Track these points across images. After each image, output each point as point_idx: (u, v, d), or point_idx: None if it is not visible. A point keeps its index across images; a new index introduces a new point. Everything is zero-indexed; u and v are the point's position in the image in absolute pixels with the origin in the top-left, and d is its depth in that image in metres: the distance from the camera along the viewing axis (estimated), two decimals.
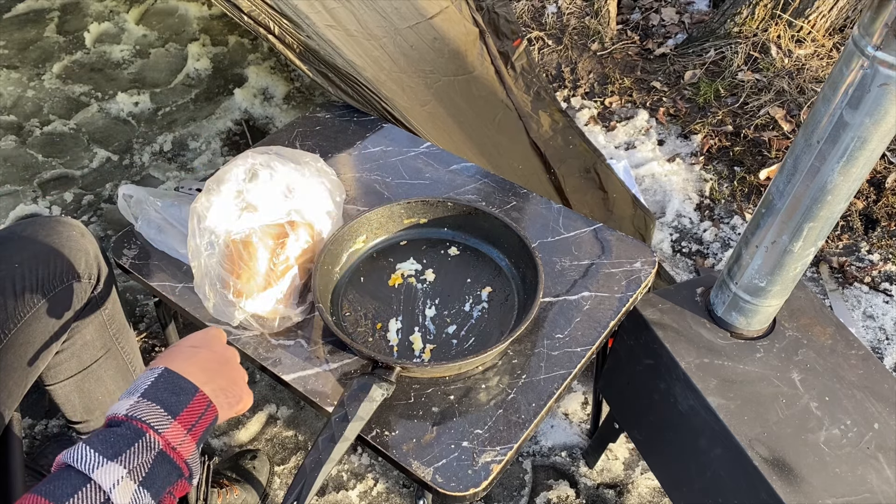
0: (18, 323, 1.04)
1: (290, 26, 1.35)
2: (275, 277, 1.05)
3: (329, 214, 1.15)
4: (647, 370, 1.22)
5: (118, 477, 0.64)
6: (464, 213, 1.20)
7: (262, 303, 1.05)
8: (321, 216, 1.13)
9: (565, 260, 1.19)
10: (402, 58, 1.59)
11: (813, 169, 0.92)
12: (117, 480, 0.64)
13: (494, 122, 1.79)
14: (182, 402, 0.72)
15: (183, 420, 0.71)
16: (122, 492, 0.64)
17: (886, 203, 2.16)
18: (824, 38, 2.62)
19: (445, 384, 1.02)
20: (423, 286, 1.16)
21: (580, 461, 1.61)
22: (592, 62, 2.73)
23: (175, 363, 0.76)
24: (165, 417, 0.70)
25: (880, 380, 1.11)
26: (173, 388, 0.72)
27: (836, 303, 1.95)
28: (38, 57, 2.78)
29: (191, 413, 0.72)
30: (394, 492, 1.56)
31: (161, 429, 0.69)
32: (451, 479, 0.91)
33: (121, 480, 0.64)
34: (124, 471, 0.64)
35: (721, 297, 1.16)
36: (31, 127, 2.48)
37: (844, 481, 0.99)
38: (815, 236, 1.00)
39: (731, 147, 2.38)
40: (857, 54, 0.82)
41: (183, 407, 0.71)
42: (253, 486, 1.48)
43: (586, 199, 1.84)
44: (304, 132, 1.45)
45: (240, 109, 2.55)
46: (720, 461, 1.08)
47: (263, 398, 1.72)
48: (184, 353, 0.79)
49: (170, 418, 0.70)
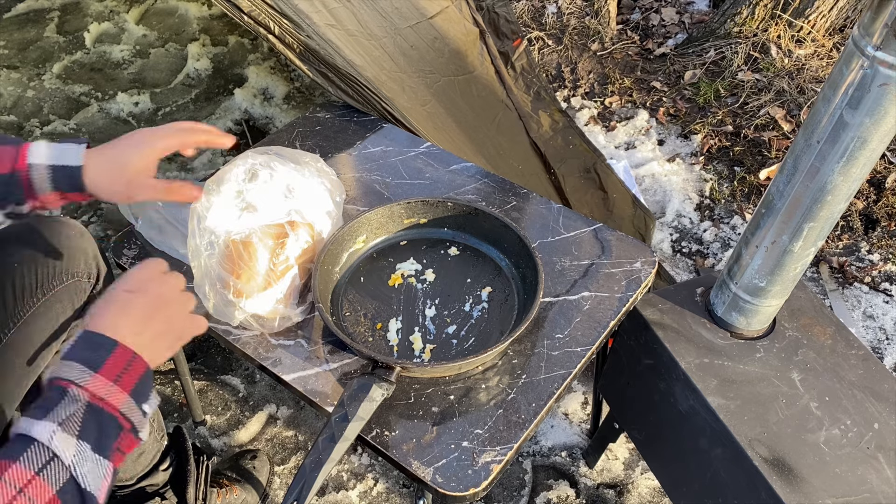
0: (18, 322, 1.04)
1: (291, 26, 1.35)
2: (275, 277, 1.05)
3: (329, 214, 1.15)
4: (647, 370, 1.22)
5: (51, 431, 0.67)
6: (464, 213, 1.20)
7: (262, 303, 1.05)
8: (321, 216, 1.13)
9: (565, 260, 1.19)
10: (403, 57, 1.59)
11: (813, 169, 0.92)
12: (51, 434, 0.67)
13: (494, 122, 1.79)
14: (101, 357, 0.73)
15: (105, 372, 0.72)
16: (63, 445, 0.67)
17: (886, 203, 2.16)
18: (824, 38, 2.62)
19: (445, 384, 1.02)
20: (423, 286, 1.16)
21: (580, 461, 1.61)
22: (592, 62, 2.73)
23: (104, 319, 0.77)
24: (85, 371, 0.71)
25: (880, 380, 1.11)
26: (91, 345, 0.74)
27: (836, 303, 1.95)
28: (38, 57, 2.78)
29: (113, 365, 0.73)
30: (394, 492, 1.56)
31: (81, 382, 0.70)
32: (451, 479, 0.91)
33: (54, 433, 0.67)
34: (54, 425, 0.67)
35: (721, 297, 1.16)
36: (31, 127, 2.48)
37: (844, 481, 0.99)
38: (815, 236, 1.00)
39: (731, 147, 2.38)
40: (857, 54, 0.82)
41: (103, 361, 0.72)
42: (253, 486, 1.48)
43: (586, 199, 1.84)
44: (304, 132, 1.45)
45: (240, 109, 2.55)
46: (720, 461, 1.08)
47: (263, 398, 1.72)
48: (117, 303, 0.79)
49: (91, 372, 0.71)
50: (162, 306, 0.81)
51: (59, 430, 0.67)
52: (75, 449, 0.68)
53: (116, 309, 0.78)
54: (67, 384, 0.70)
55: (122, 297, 0.80)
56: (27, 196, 0.88)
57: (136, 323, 0.78)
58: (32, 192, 0.87)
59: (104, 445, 0.71)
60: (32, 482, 0.65)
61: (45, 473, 0.66)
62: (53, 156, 0.88)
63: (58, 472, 0.66)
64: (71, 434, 0.68)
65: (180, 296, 0.84)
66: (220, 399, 1.72)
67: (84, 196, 0.92)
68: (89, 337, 0.74)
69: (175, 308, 0.82)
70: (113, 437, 0.72)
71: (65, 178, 0.88)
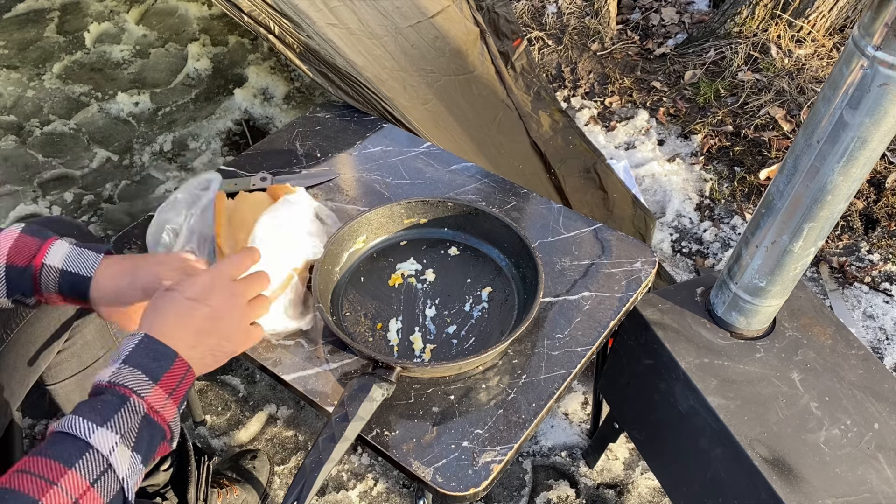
0: (20, 323, 1.04)
1: (291, 26, 1.35)
2: (279, 289, 1.05)
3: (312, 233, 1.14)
4: (647, 370, 1.22)
5: (113, 442, 0.67)
6: (464, 213, 1.20)
7: (271, 319, 1.04)
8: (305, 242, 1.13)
9: (565, 260, 1.19)
10: (404, 56, 1.59)
11: (813, 169, 0.92)
12: (113, 446, 0.67)
13: (495, 122, 1.79)
14: (162, 368, 0.73)
15: (164, 384, 0.73)
16: (120, 457, 0.67)
17: (886, 203, 2.16)
18: (824, 38, 2.62)
19: (445, 384, 1.02)
20: (423, 286, 1.16)
21: (580, 461, 1.61)
22: (592, 62, 2.73)
23: (164, 326, 0.76)
24: (147, 382, 0.72)
25: (880, 380, 1.11)
26: (154, 353, 0.74)
27: (836, 303, 1.95)
28: (38, 57, 2.78)
29: (171, 378, 0.73)
30: (394, 492, 1.56)
31: (144, 393, 0.71)
32: (451, 479, 0.91)
33: (116, 446, 0.67)
34: (117, 437, 0.67)
35: (721, 297, 1.16)
36: (31, 127, 2.48)
37: (844, 481, 0.99)
38: (815, 236, 1.00)
39: (731, 147, 2.38)
40: (857, 54, 0.82)
41: (163, 372, 0.73)
42: (253, 486, 1.48)
43: (586, 199, 1.84)
44: (304, 132, 1.45)
45: (240, 109, 2.55)
46: (720, 461, 1.08)
47: (263, 398, 1.72)
48: (178, 312, 0.78)
49: (151, 383, 0.72)
50: (220, 320, 0.80)
51: (119, 442, 0.67)
52: (129, 462, 0.68)
53: (176, 318, 0.78)
54: (129, 393, 0.70)
55: (184, 305, 0.79)
56: (34, 291, 0.90)
57: (193, 336, 0.77)
58: (39, 289, 0.90)
59: (149, 455, 0.72)
60: (87, 494, 0.64)
61: (98, 485, 0.65)
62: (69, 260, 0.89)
63: (111, 484, 0.66)
64: (128, 447, 0.68)
65: (242, 308, 0.83)
66: (220, 399, 1.72)
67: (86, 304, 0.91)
68: (151, 344, 0.74)
69: (234, 323, 0.82)
70: (157, 447, 0.73)
71: (69, 284, 0.89)
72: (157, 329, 0.76)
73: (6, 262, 0.87)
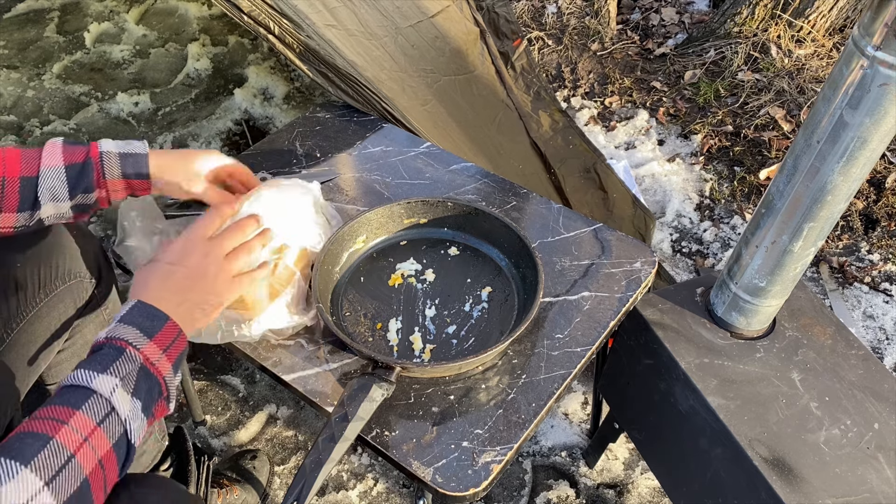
0: (21, 322, 1.04)
1: (290, 26, 1.35)
2: (282, 285, 1.05)
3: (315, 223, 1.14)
4: (647, 370, 1.22)
5: (113, 385, 0.73)
6: (464, 213, 1.20)
7: (274, 316, 1.04)
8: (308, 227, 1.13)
9: (565, 260, 1.19)
10: (403, 57, 1.59)
11: (813, 169, 0.92)
12: (113, 388, 0.72)
13: (495, 122, 1.79)
14: (156, 327, 0.79)
15: (157, 341, 0.78)
16: (121, 399, 0.73)
17: (886, 203, 2.16)
18: (824, 38, 2.62)
19: (445, 384, 1.02)
20: (423, 286, 1.16)
21: (580, 461, 1.61)
22: (592, 62, 2.73)
23: (149, 290, 0.83)
24: (142, 337, 0.77)
25: (880, 380, 1.11)
26: (147, 314, 0.80)
27: (836, 303, 1.95)
28: (38, 57, 2.78)
29: (164, 336, 0.79)
30: (394, 492, 1.56)
31: (139, 345, 0.77)
32: (451, 479, 0.91)
33: (116, 388, 0.73)
34: (116, 380, 0.73)
35: (721, 297, 1.16)
36: (31, 127, 2.48)
37: (844, 481, 0.99)
38: (815, 236, 1.00)
39: (731, 147, 2.38)
40: (857, 54, 0.82)
41: (157, 331, 0.79)
42: (253, 486, 1.48)
43: (586, 199, 1.84)
44: (304, 132, 1.45)
45: (240, 109, 2.55)
46: (720, 461, 1.08)
47: (263, 398, 1.72)
48: (159, 275, 0.86)
49: (146, 338, 0.78)
50: (200, 278, 0.87)
51: (119, 385, 0.73)
52: (130, 405, 0.73)
53: (159, 282, 0.85)
54: (125, 345, 0.76)
55: (164, 269, 0.86)
56: (97, 183, 0.96)
57: (177, 295, 0.84)
58: (103, 178, 0.96)
59: (148, 406, 0.76)
60: (95, 433, 0.70)
61: (104, 425, 0.71)
62: (121, 146, 0.97)
63: (115, 425, 0.72)
64: (127, 391, 0.73)
65: (219, 263, 0.90)
66: (220, 399, 1.72)
67: (146, 184, 0.99)
68: (144, 307, 0.81)
69: (212, 278, 0.88)
70: (155, 401, 0.78)
71: (132, 164, 0.97)
72: (145, 296, 0.82)
73: (64, 162, 0.93)
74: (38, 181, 0.92)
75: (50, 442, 0.66)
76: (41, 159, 0.93)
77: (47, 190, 0.93)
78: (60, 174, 0.93)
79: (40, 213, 0.94)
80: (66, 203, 0.95)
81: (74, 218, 0.98)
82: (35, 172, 0.92)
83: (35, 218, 0.94)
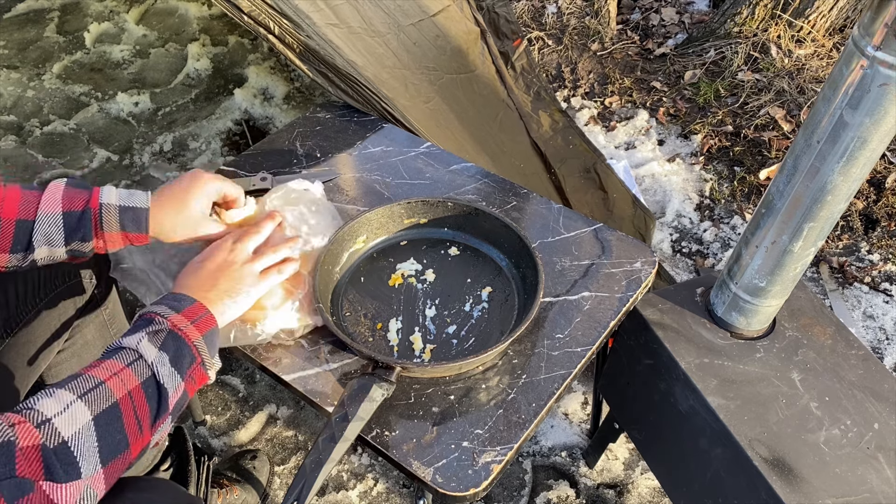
0: (21, 322, 1.04)
1: (290, 26, 1.35)
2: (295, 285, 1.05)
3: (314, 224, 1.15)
4: (647, 370, 1.22)
5: (139, 338, 0.81)
6: (464, 213, 1.20)
7: (285, 315, 1.04)
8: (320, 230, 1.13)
9: (565, 260, 1.19)
10: (406, 54, 1.59)
11: (813, 169, 0.92)
12: (139, 339, 0.81)
13: (496, 121, 1.79)
14: (183, 305, 0.86)
15: (185, 314, 0.85)
16: (147, 348, 0.80)
17: (886, 203, 2.16)
18: (824, 38, 2.62)
19: (445, 384, 1.02)
20: (423, 286, 1.16)
21: (580, 461, 1.61)
22: (592, 62, 2.73)
23: (180, 282, 0.93)
24: (170, 311, 0.85)
25: (880, 380, 1.11)
26: (174, 298, 0.88)
27: (836, 303, 1.95)
28: (38, 57, 2.78)
29: (191, 312, 0.86)
30: (394, 492, 1.56)
31: (166, 315, 0.84)
32: (451, 479, 0.91)
33: (142, 340, 0.81)
34: (142, 334, 0.81)
35: (721, 297, 1.16)
36: (31, 127, 2.48)
37: (844, 481, 0.99)
38: (815, 236, 1.00)
39: (731, 147, 2.38)
40: (857, 54, 0.82)
41: (183, 308, 0.86)
42: (253, 486, 1.48)
43: (586, 199, 1.84)
44: (304, 132, 1.45)
45: (240, 109, 2.55)
46: (720, 461, 1.08)
47: (263, 398, 1.72)
48: (189, 271, 0.95)
49: (172, 311, 0.85)
50: (226, 268, 0.95)
51: (145, 338, 0.81)
52: (156, 354, 0.80)
53: (191, 276, 0.94)
54: (153, 315, 0.84)
55: (193, 266, 0.96)
56: (94, 234, 0.96)
57: (205, 281, 0.92)
58: (100, 229, 0.96)
59: (180, 364, 0.82)
60: (124, 371, 0.78)
61: (133, 367, 0.79)
62: (123, 197, 0.97)
63: (143, 368, 0.79)
64: (154, 345, 0.81)
65: (245, 257, 0.97)
66: (220, 399, 1.72)
67: (144, 238, 0.99)
68: (173, 295, 0.89)
69: (239, 270, 0.95)
70: (187, 364, 0.83)
71: (132, 219, 0.97)
72: (176, 289, 0.92)
73: (62, 209, 0.93)
74: (35, 226, 0.92)
75: (81, 374, 0.76)
76: (40, 204, 0.92)
77: (42, 235, 0.92)
78: (57, 220, 0.93)
79: (34, 256, 0.94)
80: (62, 248, 0.94)
81: (69, 260, 0.98)
82: (32, 216, 0.92)
83: (28, 259, 0.94)
